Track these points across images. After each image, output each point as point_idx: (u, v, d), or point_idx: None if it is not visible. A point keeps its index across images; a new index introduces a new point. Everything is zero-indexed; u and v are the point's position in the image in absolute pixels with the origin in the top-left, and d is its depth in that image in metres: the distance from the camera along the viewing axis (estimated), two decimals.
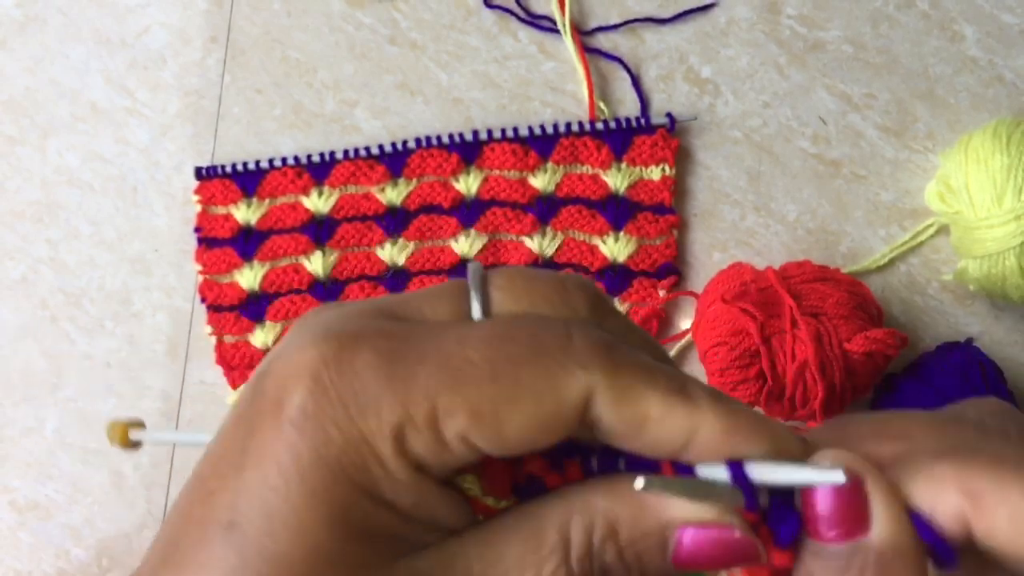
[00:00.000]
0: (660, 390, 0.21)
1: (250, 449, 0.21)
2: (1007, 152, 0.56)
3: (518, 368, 0.20)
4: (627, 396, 0.21)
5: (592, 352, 0.21)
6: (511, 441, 0.20)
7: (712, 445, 0.21)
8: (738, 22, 0.66)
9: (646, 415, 0.21)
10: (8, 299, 0.67)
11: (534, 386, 0.20)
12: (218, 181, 0.66)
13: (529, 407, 0.20)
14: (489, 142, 0.64)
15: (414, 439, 0.20)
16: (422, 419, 0.20)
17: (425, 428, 0.20)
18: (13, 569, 0.65)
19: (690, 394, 0.21)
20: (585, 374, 0.20)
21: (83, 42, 0.69)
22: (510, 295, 0.23)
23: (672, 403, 0.21)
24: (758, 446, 0.21)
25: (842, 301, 0.56)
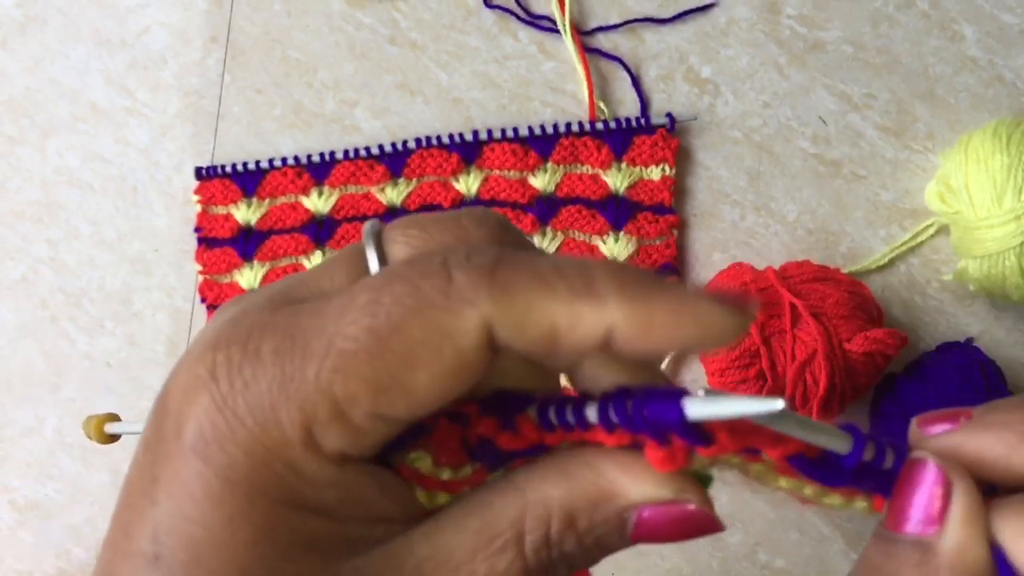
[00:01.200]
0: (560, 297, 0.19)
1: (160, 479, 0.20)
2: (1007, 152, 0.56)
3: (403, 328, 0.19)
4: (527, 315, 0.19)
5: (475, 283, 0.19)
6: (425, 401, 0.19)
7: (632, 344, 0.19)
8: (738, 22, 0.66)
9: (553, 327, 0.19)
10: (8, 299, 0.67)
11: (425, 339, 0.19)
12: (218, 181, 0.66)
13: (429, 364, 0.19)
14: (489, 142, 0.64)
15: (323, 435, 0.19)
16: (325, 415, 0.19)
17: (331, 422, 0.19)
18: (14, 569, 0.65)
19: (595, 290, 0.19)
20: (473, 310, 0.19)
21: (83, 42, 0.69)
22: (405, 247, 0.22)
23: (576, 307, 0.19)
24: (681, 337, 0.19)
25: (842, 301, 0.56)
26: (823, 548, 0.60)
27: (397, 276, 0.20)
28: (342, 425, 0.19)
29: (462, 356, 0.19)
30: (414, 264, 0.20)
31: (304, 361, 0.19)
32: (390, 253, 0.22)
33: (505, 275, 0.19)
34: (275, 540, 0.19)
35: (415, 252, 0.21)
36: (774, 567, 0.60)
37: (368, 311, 0.19)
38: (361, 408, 0.19)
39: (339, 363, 0.19)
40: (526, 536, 0.20)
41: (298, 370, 0.19)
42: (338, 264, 0.22)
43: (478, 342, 0.19)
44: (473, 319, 0.19)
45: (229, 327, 0.21)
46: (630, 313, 0.19)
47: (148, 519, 0.20)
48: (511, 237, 0.22)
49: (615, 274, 0.19)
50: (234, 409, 0.19)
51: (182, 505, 0.19)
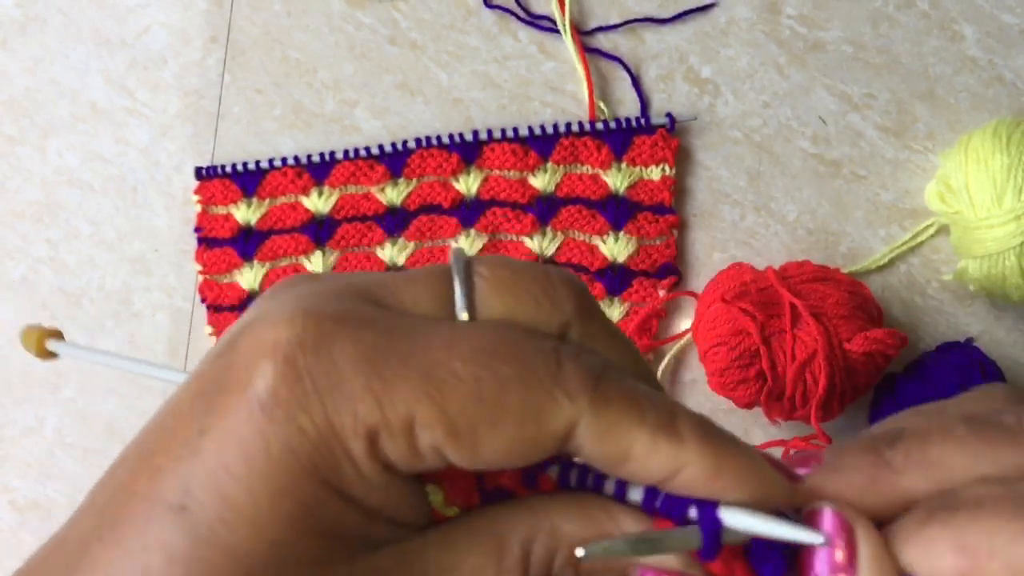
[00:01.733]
0: (647, 428, 0.20)
1: (210, 428, 0.19)
2: (1007, 152, 0.56)
3: (504, 389, 0.19)
4: (612, 431, 0.20)
5: (581, 382, 0.20)
6: (485, 460, 0.20)
7: (694, 486, 0.20)
8: (738, 22, 0.66)
9: (629, 451, 0.20)
10: (8, 299, 0.67)
11: (518, 411, 0.19)
12: (218, 181, 0.66)
13: (509, 431, 0.20)
14: (489, 142, 0.64)
15: (387, 443, 0.19)
16: (398, 426, 0.19)
17: (400, 435, 0.19)
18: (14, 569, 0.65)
19: (678, 431, 0.20)
20: (571, 405, 0.20)
21: (83, 42, 0.69)
22: (494, 287, 0.22)
23: (658, 441, 0.20)
24: (742, 493, 0.20)
25: (842, 301, 0.56)
26: None
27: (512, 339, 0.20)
28: (406, 443, 0.19)
29: (539, 440, 0.20)
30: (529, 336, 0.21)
31: (400, 369, 0.19)
32: (477, 289, 0.22)
33: (607, 387, 0.20)
34: (312, 520, 0.19)
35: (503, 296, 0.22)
36: None
37: (478, 357, 0.20)
38: (430, 437, 0.19)
39: (433, 389, 0.19)
40: (532, 561, 0.21)
41: (392, 375, 0.19)
42: (423, 284, 0.22)
43: (559, 434, 0.20)
44: (567, 411, 0.20)
45: (316, 299, 0.20)
46: (704, 459, 0.20)
47: (183, 468, 0.19)
48: (591, 304, 0.23)
49: (698, 421, 0.21)
50: (315, 381, 0.19)
51: (228, 460, 0.19)
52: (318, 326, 0.20)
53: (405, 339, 0.20)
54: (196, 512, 0.19)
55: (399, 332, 0.20)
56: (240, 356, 0.20)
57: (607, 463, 0.20)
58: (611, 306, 0.63)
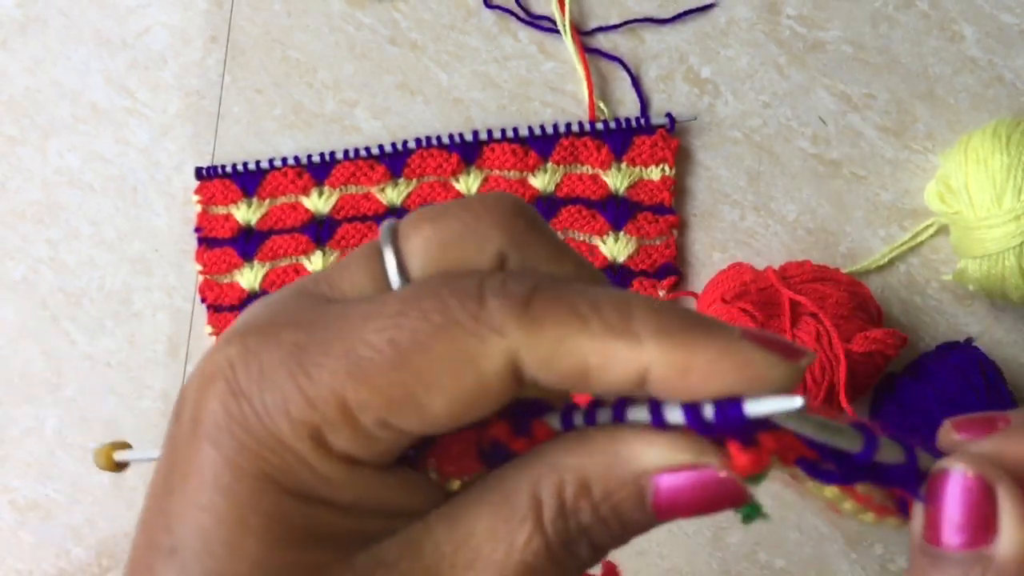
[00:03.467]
0: (593, 334, 0.18)
1: (175, 470, 0.20)
2: (1007, 152, 0.56)
3: (426, 346, 0.19)
4: (557, 351, 0.18)
5: (507, 310, 0.19)
6: (438, 421, 0.19)
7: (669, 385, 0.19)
8: (738, 22, 0.66)
9: (583, 365, 0.19)
10: (8, 299, 0.67)
11: (447, 363, 0.19)
12: (218, 181, 0.66)
13: (447, 386, 0.19)
14: (489, 142, 0.64)
15: (332, 436, 0.19)
16: (334, 415, 0.19)
17: (339, 423, 0.19)
18: (14, 569, 0.65)
19: (631, 329, 0.18)
20: (502, 339, 0.18)
21: (84, 43, 0.69)
22: (421, 244, 0.21)
23: (609, 346, 0.18)
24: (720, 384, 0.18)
25: (842, 301, 0.56)
26: (823, 548, 0.60)
27: (429, 291, 0.19)
28: (351, 429, 0.19)
29: (483, 383, 0.19)
30: (448, 282, 0.20)
31: (322, 359, 0.19)
32: (406, 251, 0.21)
33: (540, 306, 0.19)
34: (286, 531, 0.19)
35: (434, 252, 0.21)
36: (774, 567, 0.60)
37: (394, 323, 0.19)
38: (371, 416, 0.19)
39: (356, 369, 0.19)
40: (543, 506, 0.19)
41: (314, 367, 0.19)
42: (357, 263, 0.22)
43: (502, 372, 0.19)
44: (499, 348, 0.19)
45: (250, 318, 0.21)
46: (667, 355, 0.18)
47: (164, 512, 0.20)
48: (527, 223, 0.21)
49: (655, 312, 0.19)
50: (248, 396, 0.19)
51: (194, 494, 0.19)
52: (243, 341, 0.20)
53: (327, 327, 0.19)
54: (183, 551, 0.19)
55: (321, 323, 0.20)
56: (188, 391, 0.20)
57: (570, 383, 0.19)
58: None
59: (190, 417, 0.20)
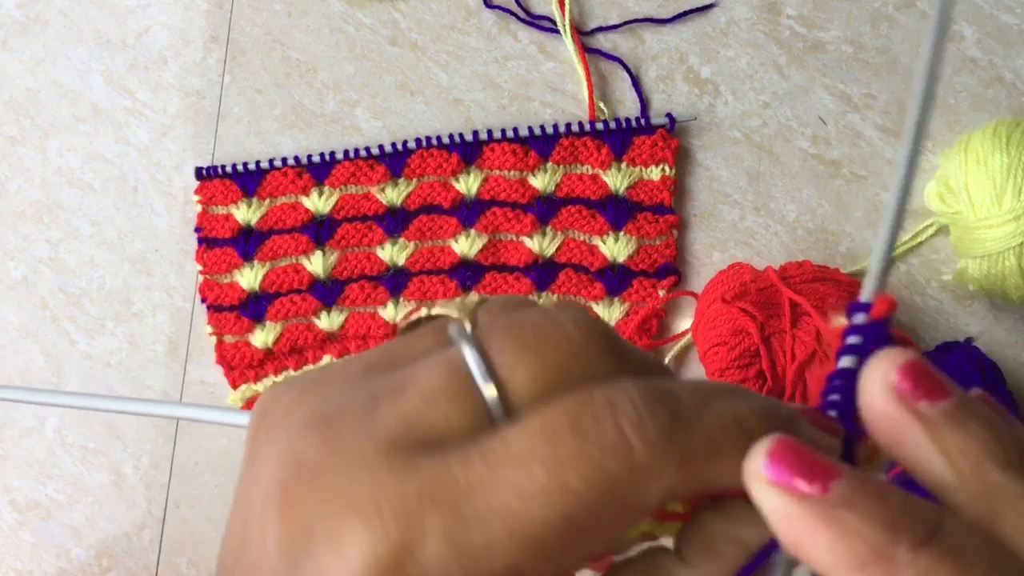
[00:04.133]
0: (731, 459, 0.19)
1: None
2: (1007, 152, 0.56)
3: (595, 511, 0.18)
4: (701, 480, 0.19)
5: (659, 455, 0.19)
6: (592, 559, 0.20)
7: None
8: (738, 22, 0.66)
9: (720, 486, 0.20)
10: (9, 299, 0.67)
11: (614, 517, 0.19)
12: (218, 181, 0.66)
13: (611, 532, 0.19)
14: (489, 142, 0.64)
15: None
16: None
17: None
18: (14, 569, 0.65)
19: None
20: (660, 483, 0.19)
21: (84, 43, 0.69)
22: (521, 370, 0.20)
23: (741, 464, 0.19)
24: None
25: (842, 301, 0.56)
26: None
27: (572, 447, 0.19)
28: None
29: (638, 520, 0.19)
30: (583, 428, 0.19)
31: (485, 545, 0.18)
32: (504, 378, 0.20)
33: (683, 442, 0.19)
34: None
35: (538, 382, 0.20)
36: None
37: (556, 494, 0.18)
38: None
39: (525, 545, 0.18)
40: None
41: (478, 554, 0.18)
42: (446, 399, 0.20)
43: (657, 507, 0.19)
44: (659, 491, 0.19)
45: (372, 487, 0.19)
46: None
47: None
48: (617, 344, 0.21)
49: (766, 419, 0.20)
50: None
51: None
52: (388, 540, 0.18)
53: (474, 504, 0.18)
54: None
55: (463, 496, 0.18)
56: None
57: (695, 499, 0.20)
58: (611, 306, 0.63)
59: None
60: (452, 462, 0.19)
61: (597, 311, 0.63)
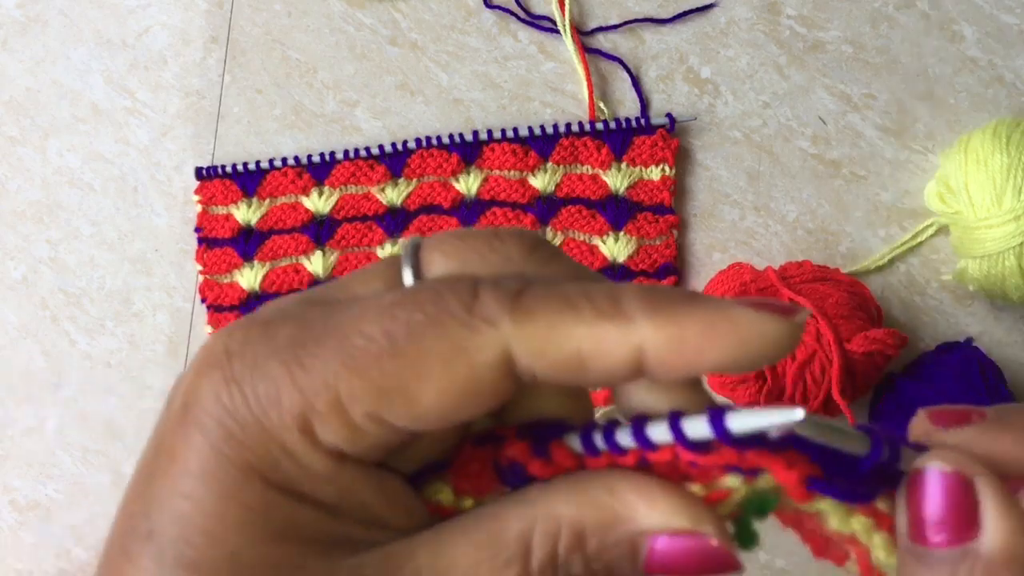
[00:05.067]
0: (583, 318, 0.18)
1: (160, 455, 0.20)
2: (1007, 152, 0.56)
3: (419, 336, 0.19)
4: (549, 339, 0.18)
5: (498, 303, 0.19)
6: (429, 415, 0.19)
7: (666, 365, 0.19)
8: (738, 22, 0.66)
9: (577, 351, 0.18)
10: (9, 299, 0.67)
11: (439, 353, 0.19)
12: (218, 181, 0.66)
13: (439, 377, 0.19)
14: (489, 142, 0.64)
15: (321, 427, 0.19)
16: (324, 406, 0.19)
17: (330, 415, 0.19)
18: (14, 569, 0.65)
19: (622, 310, 0.18)
20: (494, 329, 0.18)
21: (84, 43, 0.69)
22: (442, 259, 0.21)
23: (601, 329, 0.18)
24: (718, 353, 0.18)
25: (842, 301, 0.56)
26: None
27: (426, 287, 0.20)
28: (340, 421, 0.19)
29: (475, 375, 0.19)
30: (445, 279, 0.20)
31: (317, 350, 0.19)
32: (426, 265, 0.21)
33: (531, 298, 0.19)
34: (267, 524, 0.19)
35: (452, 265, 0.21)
36: (774, 567, 0.60)
37: (389, 314, 0.19)
38: (361, 408, 0.19)
39: (349, 360, 0.19)
40: (532, 552, 0.19)
41: (308, 357, 0.19)
42: (375, 273, 0.21)
43: (494, 364, 0.19)
44: (491, 339, 0.19)
45: (255, 314, 0.21)
46: (659, 331, 0.18)
47: (143, 498, 0.20)
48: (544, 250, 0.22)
49: (644, 293, 0.19)
50: (240, 385, 0.19)
51: (176, 480, 0.19)
52: (244, 332, 0.20)
53: (325, 322, 0.19)
54: (160, 536, 0.19)
55: (321, 318, 0.20)
56: (182, 380, 0.20)
57: (567, 374, 0.19)
58: None
59: (181, 403, 0.20)
60: (334, 304, 0.20)
61: None
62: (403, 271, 0.21)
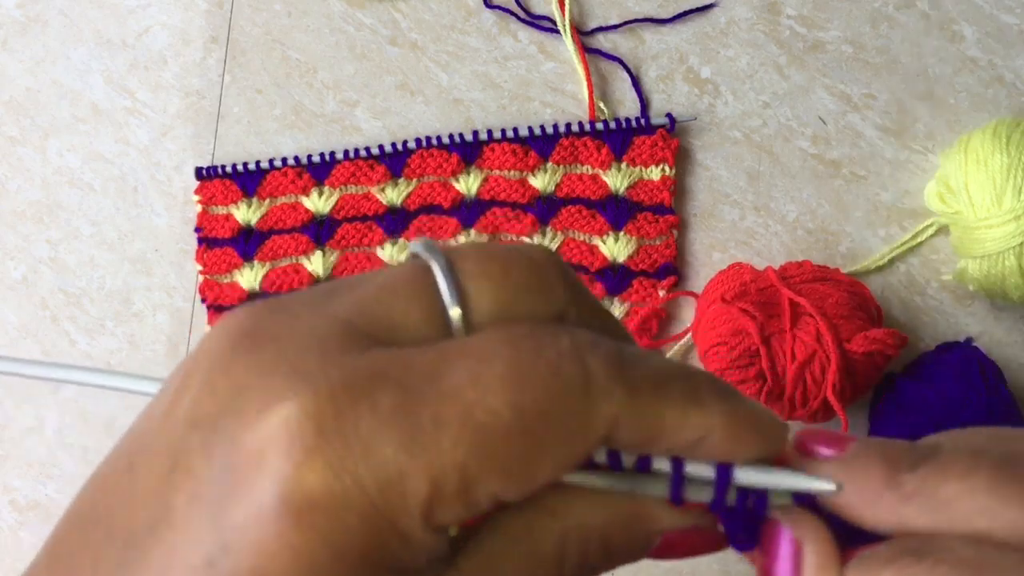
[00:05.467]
0: (676, 401, 0.20)
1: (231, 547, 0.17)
2: (1007, 152, 0.56)
3: (546, 412, 0.18)
4: (646, 413, 0.19)
5: (608, 375, 0.19)
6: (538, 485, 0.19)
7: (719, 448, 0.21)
8: (738, 22, 0.66)
9: (661, 427, 0.20)
10: (9, 299, 0.67)
11: (564, 429, 0.18)
12: (218, 181, 0.66)
13: (561, 453, 0.19)
14: (489, 142, 0.64)
15: (442, 510, 0.18)
16: (452, 489, 0.17)
17: (454, 497, 0.18)
18: (14, 569, 0.65)
19: (702, 399, 0.20)
20: (610, 404, 0.19)
21: (84, 43, 0.69)
22: (491, 289, 0.20)
23: (687, 414, 0.20)
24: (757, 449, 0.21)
25: (842, 301, 0.56)
26: None
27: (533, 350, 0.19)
28: (464, 501, 0.18)
29: (588, 448, 0.19)
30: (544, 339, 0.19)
31: (437, 428, 0.17)
32: (469, 296, 0.20)
33: (631, 373, 0.19)
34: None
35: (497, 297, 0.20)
36: None
37: (511, 386, 0.18)
38: (486, 488, 0.18)
39: (478, 439, 0.17)
40: (566, 560, 0.21)
41: (430, 437, 0.17)
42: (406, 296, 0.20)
43: (604, 433, 0.19)
44: (607, 412, 0.19)
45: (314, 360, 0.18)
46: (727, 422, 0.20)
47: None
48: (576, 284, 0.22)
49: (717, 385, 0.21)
50: (354, 474, 0.17)
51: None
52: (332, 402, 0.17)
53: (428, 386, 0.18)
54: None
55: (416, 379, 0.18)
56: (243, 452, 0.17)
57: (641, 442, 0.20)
58: (611, 306, 0.63)
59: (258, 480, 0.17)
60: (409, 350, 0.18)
61: None
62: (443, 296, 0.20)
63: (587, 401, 0.19)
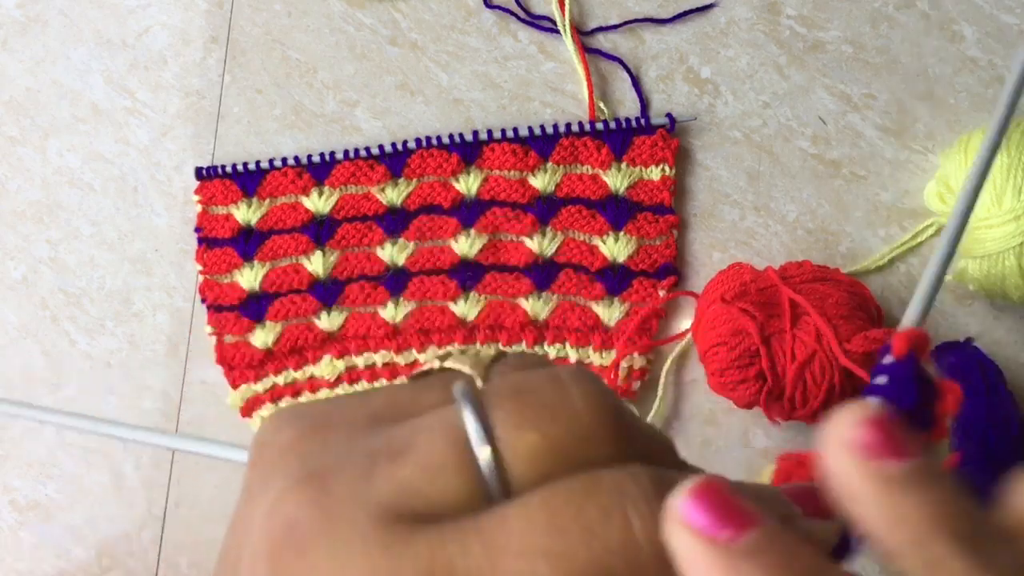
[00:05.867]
0: None
1: None
2: (1007, 152, 0.56)
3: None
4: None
5: (663, 554, 0.19)
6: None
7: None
8: (738, 22, 0.66)
9: None
10: (9, 299, 0.67)
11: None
12: (218, 181, 0.66)
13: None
14: (489, 142, 0.64)
15: None
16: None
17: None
18: (14, 569, 0.65)
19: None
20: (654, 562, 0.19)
21: (84, 43, 0.69)
22: (529, 454, 0.20)
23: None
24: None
25: (842, 301, 0.56)
26: None
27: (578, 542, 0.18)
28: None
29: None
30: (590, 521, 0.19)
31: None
32: (504, 453, 0.20)
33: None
34: None
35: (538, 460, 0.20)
36: None
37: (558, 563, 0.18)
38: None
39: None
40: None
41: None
42: (445, 474, 0.20)
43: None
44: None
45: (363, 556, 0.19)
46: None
47: None
48: (626, 431, 0.21)
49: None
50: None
51: None
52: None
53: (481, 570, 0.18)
54: None
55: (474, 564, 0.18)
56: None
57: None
58: (611, 306, 0.63)
59: None
60: (449, 543, 0.19)
61: (597, 311, 0.63)
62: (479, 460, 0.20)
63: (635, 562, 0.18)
